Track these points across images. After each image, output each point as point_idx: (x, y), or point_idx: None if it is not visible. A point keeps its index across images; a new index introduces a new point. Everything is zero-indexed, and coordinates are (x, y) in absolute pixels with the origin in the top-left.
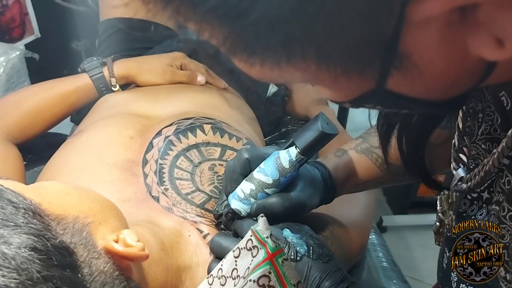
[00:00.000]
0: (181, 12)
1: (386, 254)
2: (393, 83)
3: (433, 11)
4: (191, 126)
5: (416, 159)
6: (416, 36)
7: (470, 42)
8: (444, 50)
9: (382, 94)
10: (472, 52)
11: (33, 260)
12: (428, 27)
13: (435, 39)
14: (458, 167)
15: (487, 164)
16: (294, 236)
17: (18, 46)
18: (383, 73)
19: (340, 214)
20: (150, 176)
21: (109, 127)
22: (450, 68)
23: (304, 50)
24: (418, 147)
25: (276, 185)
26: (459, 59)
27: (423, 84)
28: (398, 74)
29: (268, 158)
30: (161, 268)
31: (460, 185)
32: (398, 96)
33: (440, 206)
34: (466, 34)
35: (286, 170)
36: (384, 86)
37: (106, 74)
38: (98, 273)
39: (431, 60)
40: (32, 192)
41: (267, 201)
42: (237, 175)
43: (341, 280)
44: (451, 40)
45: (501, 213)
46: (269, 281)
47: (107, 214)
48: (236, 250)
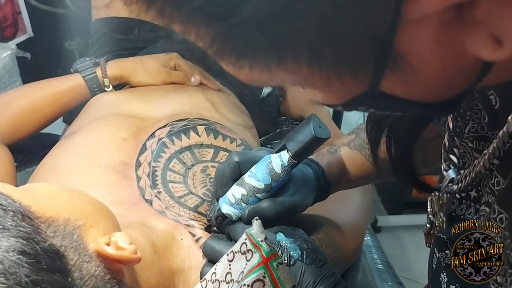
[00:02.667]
0: (165, 13)
1: (381, 255)
2: (387, 84)
3: (430, 8)
4: (184, 127)
5: (405, 161)
6: (411, 35)
7: (466, 41)
8: (440, 49)
9: (376, 96)
10: (468, 51)
11: (21, 264)
12: (424, 26)
13: (431, 38)
14: (449, 168)
15: (477, 165)
16: (287, 241)
17: (10, 45)
18: (377, 74)
19: (335, 216)
20: (143, 179)
21: (102, 129)
22: (446, 68)
23: (295, 51)
24: (406, 150)
25: (268, 190)
26: (455, 59)
27: (418, 85)
28: (393, 75)
29: (260, 163)
30: (154, 271)
31: (451, 186)
32: (392, 98)
33: (431, 208)
34: (462, 33)
35: (278, 175)
36: (378, 88)
37: (99, 75)
38: (89, 277)
39: (427, 60)
40: (21, 194)
41: (259, 206)
42: (227, 179)
43: (334, 285)
44: (447, 39)
45: (491, 215)
46: (264, 286)
47: (99, 217)
48: (230, 253)
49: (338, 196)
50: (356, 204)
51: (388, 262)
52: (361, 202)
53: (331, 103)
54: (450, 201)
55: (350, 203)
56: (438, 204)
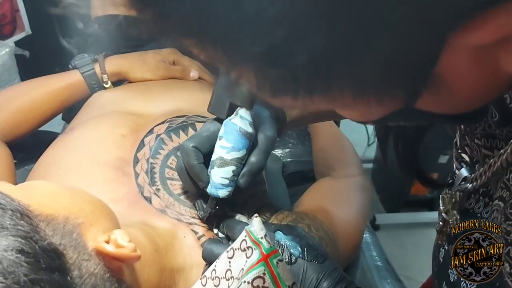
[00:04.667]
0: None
1: (380, 253)
2: (422, 102)
3: (483, 42)
4: (183, 124)
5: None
6: (451, 58)
7: (503, 60)
8: (476, 69)
9: (409, 113)
10: (504, 69)
11: (20, 263)
12: (463, 49)
13: (468, 59)
14: (461, 167)
15: (494, 164)
16: (287, 239)
17: (8, 43)
18: (414, 94)
19: (335, 214)
20: (142, 176)
21: (101, 126)
22: (480, 85)
23: (342, 83)
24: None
25: (248, 152)
26: (490, 76)
27: (452, 101)
28: (428, 93)
29: (228, 134)
30: (155, 270)
31: (464, 185)
32: (424, 113)
33: (443, 206)
34: (499, 52)
35: (252, 133)
36: (413, 106)
37: (98, 71)
38: (88, 275)
39: (463, 80)
40: (20, 193)
41: (250, 166)
42: (197, 167)
43: (338, 280)
44: (484, 59)
45: (508, 210)
46: (264, 283)
47: (98, 215)
48: (230, 250)
49: (338, 194)
50: (356, 202)
51: (387, 260)
52: (361, 200)
53: (363, 121)
54: (463, 199)
55: (350, 201)
56: (451, 202)
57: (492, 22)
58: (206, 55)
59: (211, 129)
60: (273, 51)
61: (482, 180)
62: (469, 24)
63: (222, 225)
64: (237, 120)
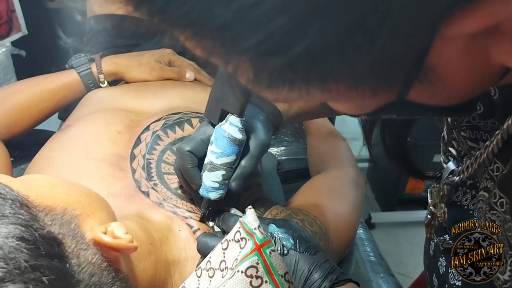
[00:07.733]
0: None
1: (374, 248)
2: (414, 94)
3: (471, 30)
4: (179, 120)
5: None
6: (442, 49)
7: (493, 51)
8: (468, 60)
9: (402, 105)
10: (494, 60)
11: (20, 250)
12: (455, 40)
13: (460, 51)
14: (448, 160)
15: (480, 157)
16: (279, 231)
17: (5, 43)
18: (406, 86)
19: (328, 210)
20: (138, 172)
21: (97, 122)
22: (472, 76)
23: (337, 75)
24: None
25: (239, 157)
26: (481, 67)
27: (444, 93)
28: (421, 85)
29: (217, 141)
30: (150, 262)
31: (452, 178)
32: (416, 105)
33: (431, 199)
34: (489, 44)
35: (241, 139)
36: (405, 98)
37: (94, 71)
38: (86, 264)
39: (455, 71)
40: (19, 184)
41: (241, 170)
42: (191, 170)
43: (329, 272)
44: (475, 50)
45: (492, 200)
46: (257, 272)
47: (95, 207)
48: (224, 242)
49: (332, 190)
50: (349, 198)
51: (380, 255)
52: (354, 196)
53: (357, 114)
54: (451, 192)
55: (343, 197)
56: (439, 196)
57: (480, 10)
58: (203, 48)
59: (207, 132)
60: (271, 40)
61: (469, 173)
62: (459, 13)
63: (218, 219)
64: (226, 126)
